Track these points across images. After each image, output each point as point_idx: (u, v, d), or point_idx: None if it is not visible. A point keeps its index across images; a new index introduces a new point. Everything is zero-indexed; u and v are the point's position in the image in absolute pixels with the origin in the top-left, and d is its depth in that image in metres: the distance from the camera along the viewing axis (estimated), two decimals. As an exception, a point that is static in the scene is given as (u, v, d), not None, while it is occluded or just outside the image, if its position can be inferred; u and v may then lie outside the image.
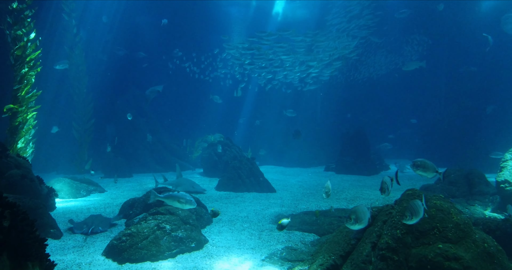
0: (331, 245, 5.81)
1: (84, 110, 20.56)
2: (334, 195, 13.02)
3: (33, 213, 7.73)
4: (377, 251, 5.26)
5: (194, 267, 6.51)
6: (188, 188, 13.99)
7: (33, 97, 13.08)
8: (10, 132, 12.53)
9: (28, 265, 4.03)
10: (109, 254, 6.99)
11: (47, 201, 10.58)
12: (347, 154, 20.07)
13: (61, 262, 6.54)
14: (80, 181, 14.30)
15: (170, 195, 6.61)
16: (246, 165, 15.71)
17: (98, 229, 8.71)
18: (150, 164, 21.86)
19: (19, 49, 12.50)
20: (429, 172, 6.32)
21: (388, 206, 5.85)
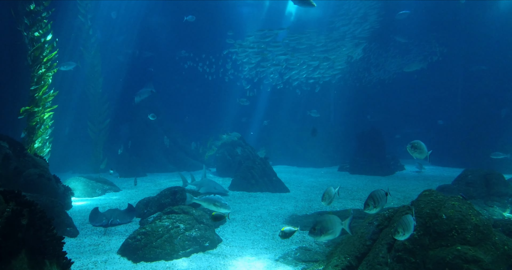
0: (346, 246, 5.74)
1: (99, 110, 20.85)
2: (348, 195, 12.91)
3: (50, 212, 7.86)
4: (394, 252, 5.18)
5: (208, 267, 6.52)
6: (211, 189, 13.68)
7: (50, 98, 13.30)
8: (28, 132, 12.76)
9: (45, 262, 4.09)
10: (124, 252, 7.06)
11: (63, 199, 10.74)
12: (362, 154, 19.88)
13: (77, 260, 6.62)
14: (95, 180, 14.49)
15: (206, 198, 6.64)
16: (259, 165, 15.69)
17: (116, 221, 9.26)
18: (164, 164, 22.01)
19: (37, 50, 12.72)
20: (423, 153, 6.46)
21: (405, 207, 5.76)
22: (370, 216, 6.20)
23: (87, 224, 9.41)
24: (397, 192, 13.54)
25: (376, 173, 18.76)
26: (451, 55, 27.74)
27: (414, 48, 28.45)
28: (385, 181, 16.67)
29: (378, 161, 19.36)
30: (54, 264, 4.26)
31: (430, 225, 5.19)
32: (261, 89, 27.77)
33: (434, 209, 5.32)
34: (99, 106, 20.85)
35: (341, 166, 21.51)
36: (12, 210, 3.82)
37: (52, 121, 13.96)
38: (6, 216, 3.74)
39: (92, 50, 20.49)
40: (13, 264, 3.66)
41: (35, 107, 12.77)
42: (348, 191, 13.93)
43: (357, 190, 13.97)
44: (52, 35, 13.17)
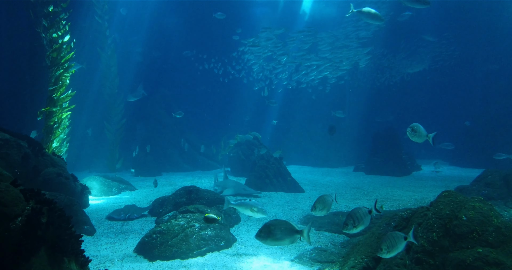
0: (363, 247, 5.66)
1: (115, 110, 21.09)
2: (364, 196, 12.77)
3: (68, 210, 7.97)
4: (412, 254, 5.08)
5: (223, 266, 6.52)
6: (240, 190, 13.24)
7: (67, 98, 13.50)
8: (46, 131, 12.99)
9: (64, 260, 4.13)
10: (140, 251, 7.12)
11: (81, 198, 10.90)
12: (377, 154, 19.65)
13: (95, 258, 6.70)
14: (111, 179, 14.67)
15: (243, 203, 6.53)
16: (273, 164, 15.65)
17: (133, 215, 9.82)
18: (179, 163, 22.17)
19: (55, 51, 12.93)
20: (422, 137, 6.30)
21: (423, 208, 5.64)
22: (387, 217, 6.11)
23: (104, 222, 9.53)
24: (414, 193, 13.34)
25: (393, 174, 18.51)
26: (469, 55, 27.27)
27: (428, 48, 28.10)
28: (401, 181, 16.44)
29: (394, 161, 19.10)
30: (73, 262, 4.31)
31: (450, 227, 5.07)
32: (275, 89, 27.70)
33: (454, 210, 5.20)
34: (115, 106, 21.09)
35: (357, 166, 21.31)
36: (32, 208, 3.88)
37: (69, 121, 14.18)
38: (26, 214, 3.80)
39: (109, 50, 20.75)
40: (33, 262, 3.71)
41: (53, 107, 12.99)
42: (364, 191, 13.78)
43: (373, 191, 13.81)
44: (69, 36, 13.37)
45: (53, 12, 13.06)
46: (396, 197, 12.53)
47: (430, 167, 20.92)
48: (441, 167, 19.44)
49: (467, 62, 28.03)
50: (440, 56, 28.55)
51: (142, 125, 24.67)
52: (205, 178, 18.44)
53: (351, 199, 12.28)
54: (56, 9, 13.10)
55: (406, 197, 12.39)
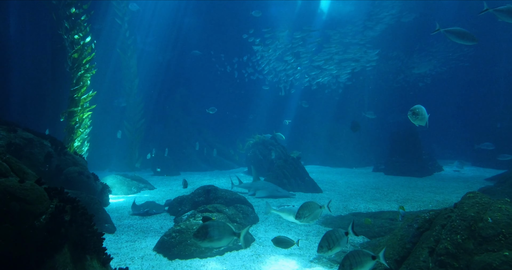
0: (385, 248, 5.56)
1: (135, 110, 21.39)
2: (384, 197, 12.57)
3: (89, 208, 8.08)
4: (435, 256, 4.96)
5: (242, 266, 6.51)
6: (273, 192, 12.77)
7: (88, 98, 13.76)
8: (68, 131, 13.26)
9: (86, 258, 4.19)
10: (160, 249, 7.17)
11: (101, 197, 11.07)
12: (397, 154, 19.34)
13: (116, 256, 6.78)
14: (131, 179, 14.87)
15: (286, 209, 6.49)
16: (291, 164, 15.58)
17: (152, 211, 10.28)
18: (197, 163, 22.32)
19: (76, 53, 13.19)
20: (424, 120, 5.95)
21: (447, 210, 5.50)
22: (408, 218, 5.98)
23: (124, 220, 9.66)
24: (436, 194, 13.06)
25: (413, 174, 18.19)
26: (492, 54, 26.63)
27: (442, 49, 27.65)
28: (421, 182, 16.12)
29: (414, 161, 18.77)
30: (95, 259, 4.37)
31: (474, 229, 4.93)
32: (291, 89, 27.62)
33: (479, 212, 5.06)
34: (134, 106, 21.39)
35: (376, 167, 21.03)
36: (56, 207, 3.95)
37: (90, 121, 14.45)
38: (50, 212, 3.87)
39: (129, 51, 21.06)
40: (57, 259, 3.78)
41: (74, 107, 13.25)
42: (383, 192, 13.58)
43: (393, 192, 13.59)
44: (90, 38, 13.61)
45: (74, 14, 13.33)
46: (417, 198, 12.29)
47: (452, 167, 20.47)
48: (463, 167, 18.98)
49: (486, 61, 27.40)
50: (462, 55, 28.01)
51: (161, 124, 24.97)
52: (223, 178, 18.50)
53: (370, 200, 12.10)
54: (78, 11, 13.37)
55: (427, 198, 12.14)
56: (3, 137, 9.55)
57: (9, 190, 3.70)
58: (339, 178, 17.83)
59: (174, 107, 25.25)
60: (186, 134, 24.15)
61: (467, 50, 27.39)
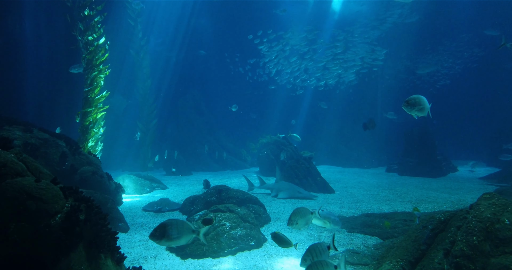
0: (399, 250, 5.49)
1: (147, 111, 21.57)
2: (398, 198, 12.43)
3: (103, 208, 8.18)
4: (451, 258, 4.88)
5: (254, 266, 6.50)
6: (294, 193, 12.56)
7: (102, 99, 13.93)
8: (82, 131, 13.44)
9: (101, 256, 4.23)
10: (172, 248, 7.21)
11: (115, 196, 11.19)
12: (411, 155, 19.11)
13: (129, 255, 6.85)
14: (144, 178, 15.00)
15: None
16: (303, 164, 15.52)
17: (165, 208, 10.73)
18: (209, 163, 22.41)
19: (90, 54, 13.36)
20: (425, 110, 5.46)
21: (463, 211, 5.41)
22: (423, 219, 5.90)
23: (137, 219, 9.75)
24: (450, 194, 12.87)
25: (427, 175, 17.95)
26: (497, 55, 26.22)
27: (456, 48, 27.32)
28: (436, 183, 15.90)
29: (428, 162, 18.51)
30: (109, 258, 4.41)
31: (491, 231, 4.84)
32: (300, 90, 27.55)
33: (496, 214, 4.96)
34: (147, 106, 21.58)
35: (389, 167, 20.82)
36: (71, 206, 4.00)
37: (104, 121, 14.62)
38: (66, 211, 3.92)
39: (142, 52, 21.24)
40: (72, 257, 3.82)
41: (88, 107, 13.43)
42: (397, 193, 13.43)
43: (407, 192, 13.43)
44: (104, 39, 13.77)
45: (88, 15, 13.50)
46: (431, 199, 12.12)
47: (467, 168, 20.16)
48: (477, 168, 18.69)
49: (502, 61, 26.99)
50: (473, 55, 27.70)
51: (173, 125, 25.14)
52: (234, 178, 18.53)
53: (383, 201, 11.98)
54: (91, 12, 13.54)
55: (442, 199, 11.97)
56: (19, 137, 9.73)
57: (26, 189, 3.76)
58: (351, 179, 17.69)
59: (186, 107, 25.39)
60: (198, 134, 24.26)
61: (477, 50, 27.06)
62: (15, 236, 3.53)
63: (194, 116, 25.10)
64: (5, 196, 3.66)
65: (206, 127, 25.07)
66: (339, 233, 8.32)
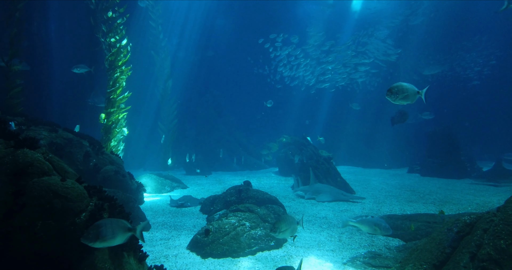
0: (423, 253, 5.37)
1: (168, 111, 21.83)
2: (420, 199, 12.18)
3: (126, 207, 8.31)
4: (477, 262, 4.74)
5: (274, 266, 6.48)
6: (338, 196, 11.89)
7: (124, 99, 14.17)
8: (105, 131, 13.71)
9: (124, 254, 4.30)
10: (193, 247, 7.27)
11: (136, 195, 11.36)
12: (434, 155, 18.66)
13: (151, 253, 6.93)
14: (164, 178, 15.18)
15: (365, 221, 6.42)
16: (322, 165, 15.39)
17: (187, 204, 11.33)
18: (228, 163, 22.49)
19: (113, 55, 13.61)
20: (411, 97, 5.00)
21: (489, 213, 5.25)
22: (448, 222, 5.76)
23: (158, 218, 9.87)
24: (475, 196, 12.52)
25: (450, 176, 17.49)
26: None
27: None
28: (460, 184, 15.51)
29: (452, 163, 18.04)
30: (131, 256, 4.48)
31: (520, 234, 4.68)
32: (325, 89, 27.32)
33: (525, 217, 4.79)
34: (167, 107, 21.83)
35: (411, 168, 20.40)
36: (95, 204, 4.07)
37: (125, 121, 14.87)
38: (90, 210, 4.00)
39: (162, 53, 21.50)
40: (96, 255, 3.90)
41: (110, 108, 13.69)
42: (419, 194, 13.16)
43: (430, 193, 13.14)
44: (126, 40, 14.01)
45: (111, 17, 13.76)
46: (455, 201, 11.82)
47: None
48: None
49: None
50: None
51: (192, 125, 25.34)
52: (253, 178, 18.54)
53: (405, 202, 11.76)
54: (114, 14, 13.80)
55: (466, 201, 11.66)
56: (45, 137, 10.00)
57: (52, 188, 3.86)
58: (372, 179, 17.44)
59: (206, 107, 25.56)
60: (218, 134, 24.39)
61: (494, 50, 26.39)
62: (42, 234, 3.62)
63: (213, 116, 25.24)
64: (32, 195, 3.76)
65: (225, 127, 25.16)
66: (360, 235, 8.21)
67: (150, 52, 21.60)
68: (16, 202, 3.69)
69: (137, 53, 19.56)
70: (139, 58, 20.79)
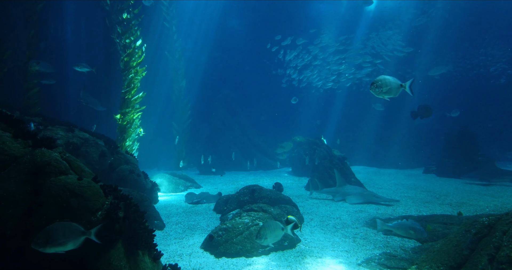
0: (439, 254, 5.28)
1: (182, 111, 21.98)
2: (436, 200, 11.98)
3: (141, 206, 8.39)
4: (496, 264, 4.64)
5: (287, 266, 6.46)
6: (370, 198, 11.32)
7: (138, 99, 14.32)
8: (120, 131, 13.87)
9: (139, 253, 4.34)
10: (207, 247, 7.30)
11: (151, 194, 11.46)
12: (451, 156, 18.34)
13: (165, 252, 6.98)
14: (178, 177, 15.28)
15: (402, 224, 6.35)
16: (336, 165, 15.26)
17: (203, 201, 11.79)
18: (241, 162, 22.53)
19: (127, 56, 13.76)
20: (393, 90, 4.89)
21: (509, 215, 5.13)
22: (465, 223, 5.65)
23: (172, 217, 9.94)
24: (493, 197, 12.25)
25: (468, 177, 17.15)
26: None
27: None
28: (477, 185, 15.21)
29: (469, 163, 17.70)
30: (146, 255, 4.52)
31: (541, 237, 4.56)
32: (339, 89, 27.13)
33: (546, 219, 4.67)
34: (181, 107, 21.97)
35: (427, 168, 20.09)
36: (111, 203, 4.12)
37: (140, 121, 15.02)
38: (106, 208, 4.04)
39: (176, 54, 21.65)
40: (111, 253, 3.94)
41: (126, 108, 13.84)
42: (435, 195, 12.95)
43: (446, 194, 12.91)
44: (141, 41, 14.15)
45: (126, 18, 13.92)
46: (473, 202, 11.59)
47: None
48: None
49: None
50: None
51: (206, 125, 25.46)
52: (267, 178, 18.53)
53: (421, 203, 11.58)
54: (129, 16, 13.95)
55: (484, 202, 11.42)
56: (62, 137, 10.17)
57: (69, 187, 3.91)
58: (387, 180, 17.24)
59: (219, 107, 25.64)
60: (231, 134, 24.44)
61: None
62: (59, 231, 3.67)
63: (227, 116, 25.31)
64: (50, 194, 3.82)
65: (239, 127, 25.20)
66: (375, 236, 8.12)
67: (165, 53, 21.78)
68: (34, 201, 3.75)
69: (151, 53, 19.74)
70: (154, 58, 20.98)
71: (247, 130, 25.72)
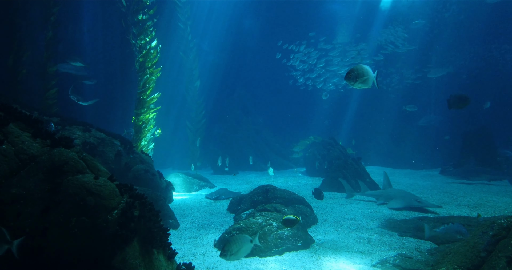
0: (456, 256, 5.20)
1: (196, 111, 22.13)
2: (453, 201, 11.78)
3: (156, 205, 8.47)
4: (515, 267, 4.54)
5: (301, 266, 6.44)
6: (411, 202, 10.53)
7: (154, 100, 14.47)
8: (135, 131, 14.04)
9: (153, 251, 4.39)
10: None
11: (166, 193, 11.58)
12: (468, 156, 18.00)
13: (179, 251, 7.04)
14: (193, 177, 15.40)
15: (450, 228, 6.24)
16: (351, 165, 15.16)
17: (221, 197, 12.41)
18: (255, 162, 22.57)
19: (143, 57, 13.93)
20: (369, 80, 4.73)
21: (528, 217, 5.02)
22: (483, 225, 5.54)
23: (187, 217, 10.02)
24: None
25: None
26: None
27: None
28: (496, 186, 14.90)
29: (487, 164, 17.34)
30: (161, 254, 4.57)
31: (562, 239, 4.45)
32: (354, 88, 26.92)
33: None
34: (196, 107, 22.13)
35: (443, 169, 19.76)
36: (127, 202, 4.18)
37: (155, 121, 15.19)
38: (122, 207, 4.10)
39: (191, 54, 21.80)
40: (127, 251, 4.00)
41: (141, 108, 14.01)
42: (452, 196, 12.74)
43: (464, 195, 12.69)
44: (156, 42, 14.31)
45: (141, 20, 14.09)
46: (491, 203, 11.36)
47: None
48: None
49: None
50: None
51: (220, 124, 25.57)
52: (280, 178, 18.51)
53: (438, 204, 11.40)
54: (144, 16, 14.12)
55: (503, 204, 11.18)
56: (79, 136, 10.36)
57: (86, 186, 3.99)
58: (403, 180, 17.04)
59: (233, 107, 25.74)
60: (245, 133, 24.49)
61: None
62: (76, 230, 3.75)
63: (241, 116, 25.38)
64: (67, 192, 3.90)
65: (253, 127, 25.24)
66: (390, 237, 8.04)
67: (179, 54, 21.97)
68: (52, 199, 3.83)
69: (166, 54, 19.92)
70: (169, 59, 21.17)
71: (261, 129, 25.75)
